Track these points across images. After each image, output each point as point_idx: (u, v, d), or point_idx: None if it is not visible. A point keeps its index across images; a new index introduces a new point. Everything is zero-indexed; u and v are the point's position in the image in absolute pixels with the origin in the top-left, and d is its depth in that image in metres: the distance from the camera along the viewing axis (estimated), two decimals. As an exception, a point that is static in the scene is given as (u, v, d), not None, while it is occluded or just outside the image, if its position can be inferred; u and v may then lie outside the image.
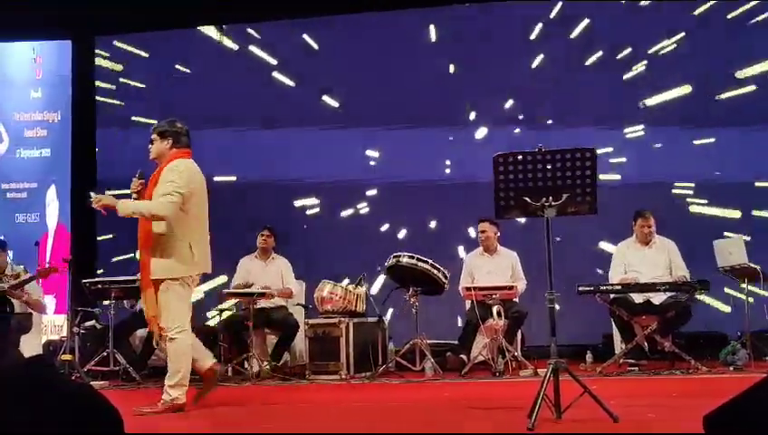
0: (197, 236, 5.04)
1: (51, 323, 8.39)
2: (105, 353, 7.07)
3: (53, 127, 9.46)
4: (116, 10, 9.10)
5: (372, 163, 9.23)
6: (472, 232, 8.26)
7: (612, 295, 6.83)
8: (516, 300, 7.25)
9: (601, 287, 6.82)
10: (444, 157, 9.12)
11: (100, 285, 7.37)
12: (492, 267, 7.45)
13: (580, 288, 6.64)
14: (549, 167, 4.10)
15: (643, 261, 7.13)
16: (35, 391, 1.83)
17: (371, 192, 9.22)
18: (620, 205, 7.52)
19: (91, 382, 6.77)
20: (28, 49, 9.60)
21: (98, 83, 9.72)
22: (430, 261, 7.15)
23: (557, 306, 4.16)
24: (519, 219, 7.22)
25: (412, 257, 7.12)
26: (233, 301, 7.88)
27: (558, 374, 4.02)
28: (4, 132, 9.46)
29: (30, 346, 7.33)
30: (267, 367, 7.18)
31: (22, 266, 7.42)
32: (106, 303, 7.43)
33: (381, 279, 8.39)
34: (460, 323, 7.59)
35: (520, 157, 4.18)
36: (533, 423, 3.72)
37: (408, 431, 4.10)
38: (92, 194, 5.00)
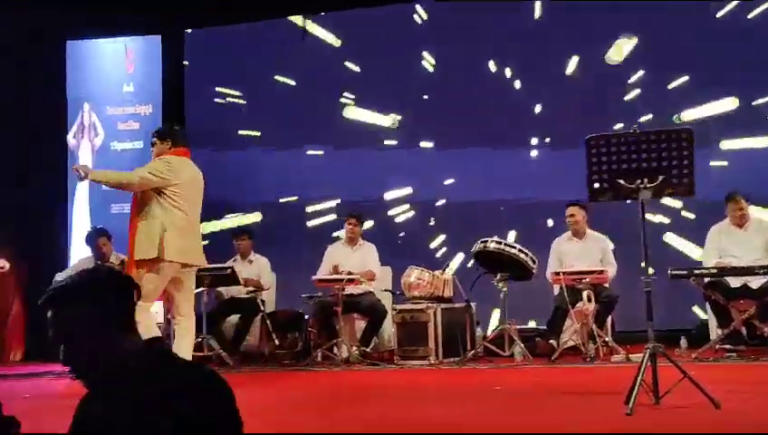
0: (178, 227, 5.37)
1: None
2: (199, 340, 7.24)
3: (145, 119, 9.71)
4: (203, 3, 9.32)
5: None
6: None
7: (707, 280, 6.65)
8: (606, 285, 7.13)
9: (696, 271, 6.64)
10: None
11: (193, 273, 7.56)
12: (581, 252, 7.33)
13: (674, 272, 6.48)
14: (644, 148, 4.02)
15: (738, 244, 6.91)
16: (158, 370, 1.90)
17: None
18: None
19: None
20: (120, 45, 9.88)
21: (186, 75, 9.98)
22: (518, 246, 7.09)
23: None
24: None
25: (499, 243, 7.08)
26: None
27: (655, 360, 3.95)
28: (99, 126, 9.77)
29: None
30: (356, 352, 7.26)
31: (124, 256, 7.68)
32: (198, 290, 7.63)
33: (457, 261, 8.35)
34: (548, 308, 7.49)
35: (614, 139, 4.11)
36: (632, 408, 3.67)
37: (500, 416, 4.10)
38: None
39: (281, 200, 9.67)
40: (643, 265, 4.14)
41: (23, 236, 9.07)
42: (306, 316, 7.81)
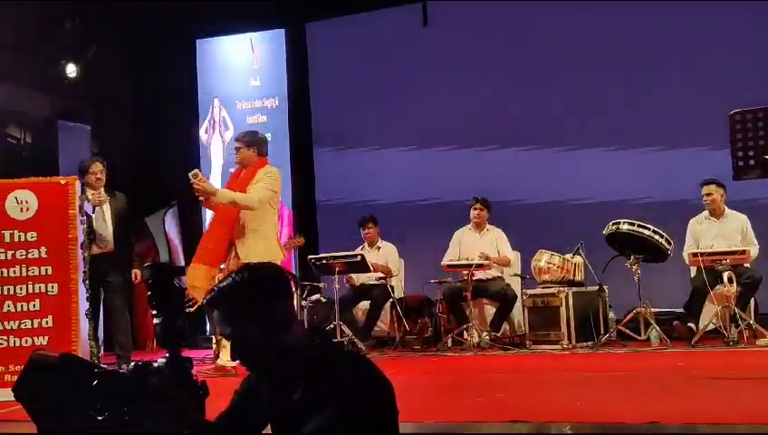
0: (275, 230, 5.99)
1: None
2: (332, 326, 7.40)
3: (272, 112, 9.97)
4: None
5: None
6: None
7: None
8: (748, 265, 6.84)
9: None
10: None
11: (324, 261, 7.73)
12: (719, 231, 7.04)
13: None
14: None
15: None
16: (322, 360, 1.96)
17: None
18: None
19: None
20: (246, 40, 10.16)
21: (310, 67, 10.16)
22: (652, 227, 6.89)
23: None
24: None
25: (633, 224, 6.89)
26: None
27: (810, 342, 3.77)
28: (229, 120, 10.10)
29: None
30: (486, 337, 7.25)
31: None
32: (330, 277, 7.81)
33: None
34: (684, 290, 7.25)
35: (760, 113, 3.92)
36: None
37: (644, 401, 4.00)
38: (197, 172, 5.70)
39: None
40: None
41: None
42: (435, 302, 7.84)
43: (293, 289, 2.04)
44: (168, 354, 1.97)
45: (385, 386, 2.00)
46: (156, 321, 2.03)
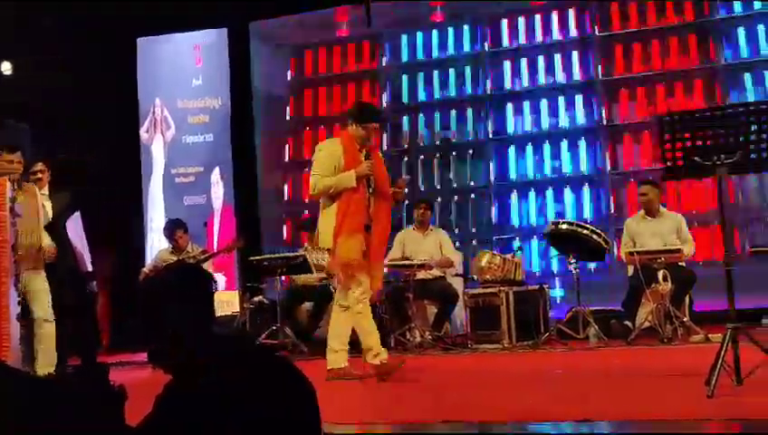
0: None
1: (222, 300, 8.80)
2: (274, 328, 7.35)
3: (215, 113, 9.88)
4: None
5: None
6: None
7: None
8: (683, 264, 6.98)
9: (777, 248, 6.45)
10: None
11: (266, 262, 7.67)
12: (655, 230, 7.18)
13: (755, 249, 6.31)
14: (719, 123, 3.90)
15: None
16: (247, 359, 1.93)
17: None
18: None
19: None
20: (189, 39, 10.05)
21: (252, 68, 10.08)
22: (590, 226, 7.00)
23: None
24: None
25: (571, 224, 6.99)
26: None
27: (737, 340, 3.85)
28: (170, 120, 9.98)
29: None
30: (429, 337, 7.27)
31: (198, 246, 7.85)
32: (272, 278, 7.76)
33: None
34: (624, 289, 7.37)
35: (687, 115, 4.00)
36: (713, 390, 3.58)
37: (575, 401, 4.05)
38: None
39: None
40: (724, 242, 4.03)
41: (102, 229, 9.31)
42: (378, 302, 7.83)
43: (211, 291, 2.01)
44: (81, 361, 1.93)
45: (306, 391, 1.98)
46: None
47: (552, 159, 9.54)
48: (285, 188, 10.42)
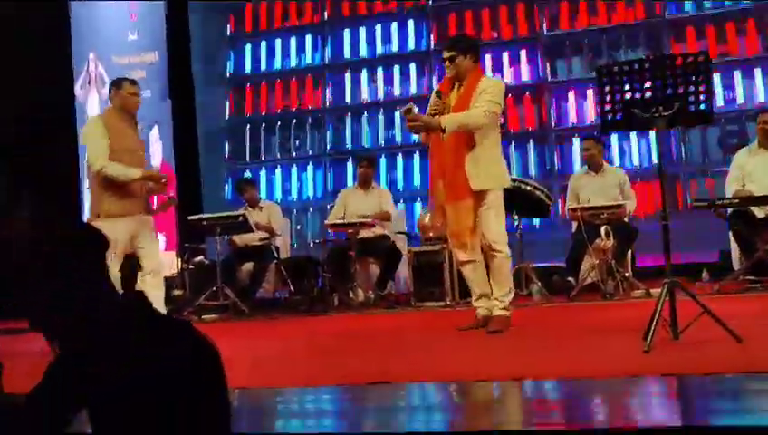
0: (501, 149, 5.07)
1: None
2: (214, 288, 7.20)
3: (151, 68, 9.57)
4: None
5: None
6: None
7: (731, 210, 6.45)
8: (626, 219, 6.97)
9: (717, 202, 6.45)
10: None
11: (205, 222, 7.47)
12: (598, 186, 7.15)
13: (696, 203, 6.31)
14: (658, 74, 3.81)
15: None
16: (137, 323, 1.80)
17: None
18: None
19: (203, 316, 6.94)
20: (123, -8, 9.70)
21: (191, 21, 9.77)
22: (533, 183, 6.94)
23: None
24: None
25: (515, 179, 6.90)
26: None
27: (674, 294, 3.81)
28: (106, 76, 9.63)
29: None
30: (372, 296, 7.18)
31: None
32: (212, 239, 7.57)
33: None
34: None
35: (626, 66, 3.90)
36: (649, 345, 3.54)
37: (513, 357, 3.99)
38: (411, 106, 4.76)
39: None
40: (661, 196, 3.97)
41: (35, 187, 9.00)
42: (321, 262, 7.72)
43: (103, 249, 1.85)
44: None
45: (209, 353, 1.85)
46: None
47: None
48: (226, 145, 10.18)
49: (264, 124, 10.07)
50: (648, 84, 3.86)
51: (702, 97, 3.82)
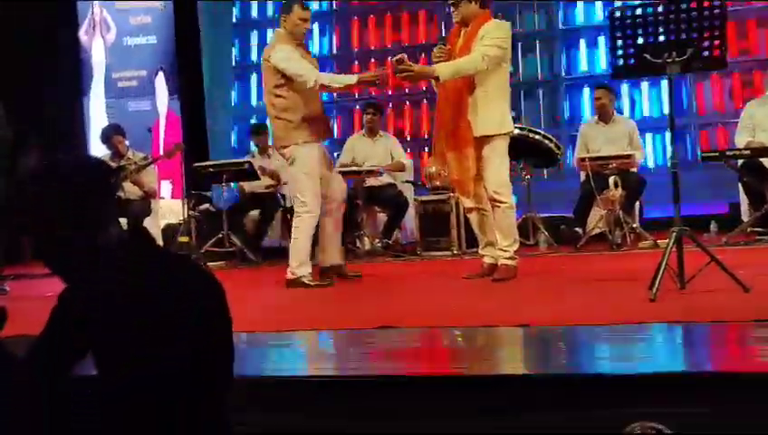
0: (507, 95, 4.94)
1: (168, 208, 8.57)
2: (220, 235, 7.18)
3: (157, 13, 9.44)
4: None
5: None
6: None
7: (741, 161, 6.38)
8: (635, 170, 6.91)
9: (728, 153, 6.37)
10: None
11: (211, 169, 7.44)
12: (608, 136, 7.07)
13: (704, 154, 6.24)
14: (672, 18, 3.73)
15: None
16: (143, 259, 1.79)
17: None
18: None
19: (209, 263, 6.94)
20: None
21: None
22: (542, 131, 6.87)
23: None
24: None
25: (523, 129, 6.84)
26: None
27: (681, 243, 3.78)
28: (111, 21, 9.52)
29: (151, 230, 7.53)
30: (378, 245, 7.17)
31: (139, 153, 7.59)
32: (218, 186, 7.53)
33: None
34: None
35: (639, 10, 3.82)
36: (655, 294, 3.52)
37: (521, 305, 3.99)
38: (403, 56, 4.67)
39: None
40: (670, 145, 3.92)
41: (40, 134, 8.96)
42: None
43: (111, 185, 1.83)
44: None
45: (214, 289, 1.84)
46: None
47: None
48: (233, 93, 10.08)
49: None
50: (661, 29, 3.79)
51: (716, 43, 3.75)
